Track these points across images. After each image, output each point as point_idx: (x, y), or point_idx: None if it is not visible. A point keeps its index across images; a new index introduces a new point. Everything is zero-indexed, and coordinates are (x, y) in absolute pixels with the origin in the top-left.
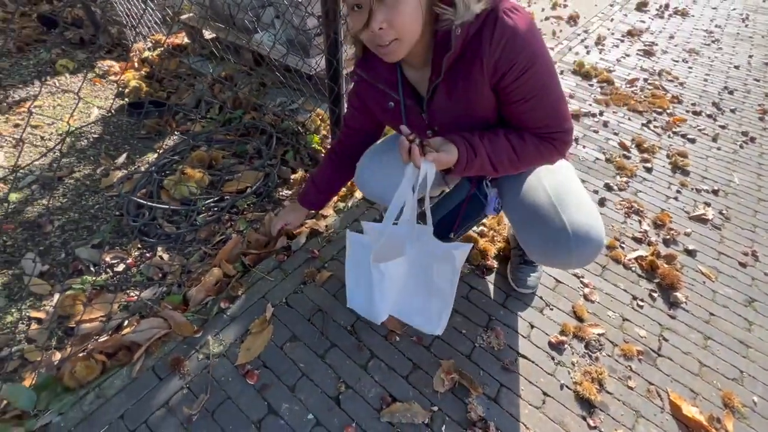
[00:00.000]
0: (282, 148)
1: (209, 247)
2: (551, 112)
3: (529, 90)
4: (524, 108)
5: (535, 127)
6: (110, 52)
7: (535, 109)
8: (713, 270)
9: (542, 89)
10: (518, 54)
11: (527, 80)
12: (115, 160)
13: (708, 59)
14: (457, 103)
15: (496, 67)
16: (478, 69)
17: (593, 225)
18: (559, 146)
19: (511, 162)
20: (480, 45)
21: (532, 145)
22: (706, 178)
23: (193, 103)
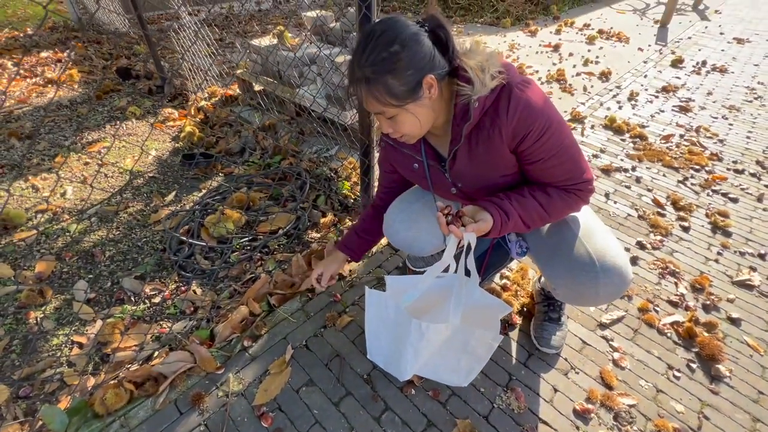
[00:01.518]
0: (314, 193)
1: (239, 284)
2: (571, 167)
3: (548, 150)
4: (545, 166)
5: (558, 181)
6: (172, 100)
7: (555, 166)
8: (761, 342)
9: (559, 148)
10: (534, 121)
11: (545, 142)
12: (165, 197)
13: (750, 116)
14: (478, 164)
15: (515, 133)
16: (497, 135)
17: (620, 257)
18: (583, 195)
19: (542, 218)
20: (497, 115)
21: (558, 199)
22: (751, 240)
23: (238, 148)
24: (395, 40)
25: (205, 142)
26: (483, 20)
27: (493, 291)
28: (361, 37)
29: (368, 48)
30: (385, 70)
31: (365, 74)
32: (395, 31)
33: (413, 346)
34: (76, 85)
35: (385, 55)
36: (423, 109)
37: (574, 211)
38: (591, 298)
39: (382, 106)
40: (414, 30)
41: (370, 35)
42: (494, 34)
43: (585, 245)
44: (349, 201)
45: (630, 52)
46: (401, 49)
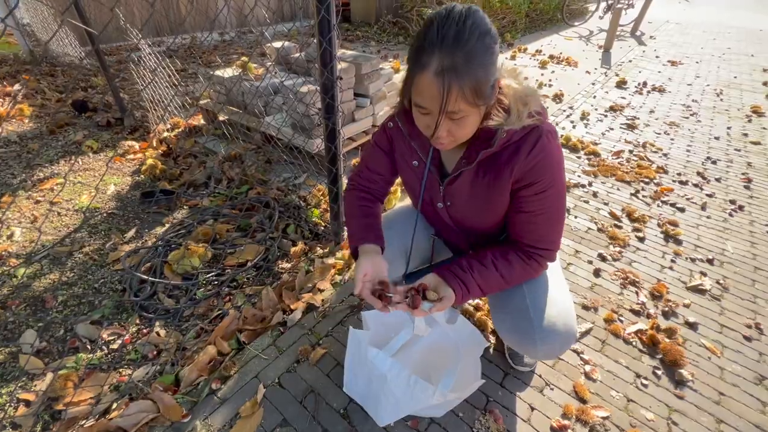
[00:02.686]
0: (284, 222)
1: (206, 322)
2: (549, 231)
3: (541, 206)
4: (530, 220)
5: (529, 239)
6: (132, 133)
7: (538, 224)
8: (717, 344)
9: (551, 210)
10: (545, 173)
11: (542, 198)
12: (125, 234)
13: (688, 131)
14: (477, 194)
15: (524, 176)
16: (507, 172)
17: (561, 318)
18: (543, 263)
19: (500, 286)
20: (517, 153)
21: (519, 268)
22: (700, 246)
23: (203, 179)
24: (489, 32)
25: (168, 175)
26: None
27: (466, 311)
28: (444, 19)
29: (462, 33)
30: (480, 62)
31: (456, 63)
32: (486, 23)
33: (395, 397)
34: (26, 120)
35: (481, 46)
36: (481, 113)
37: (531, 278)
38: (531, 355)
39: (466, 103)
40: (493, 28)
41: (461, 19)
42: None
43: (528, 302)
44: (319, 229)
45: (579, 75)
46: (494, 43)
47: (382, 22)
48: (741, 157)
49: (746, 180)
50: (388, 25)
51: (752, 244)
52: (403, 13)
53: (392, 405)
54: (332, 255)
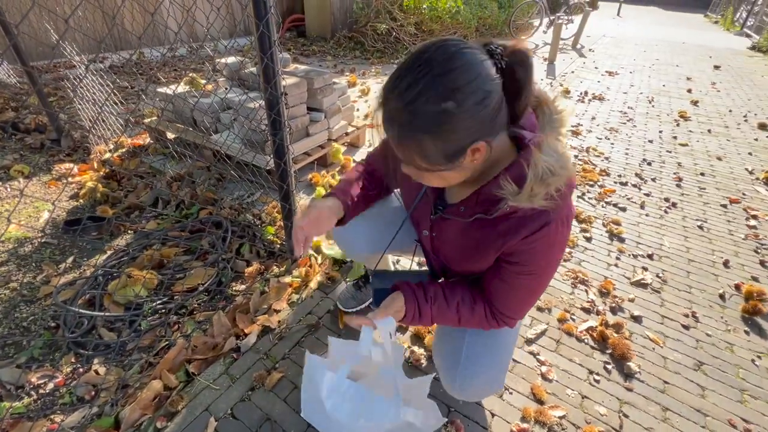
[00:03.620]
0: (237, 242)
1: (152, 355)
2: (523, 304)
3: (522, 283)
4: (508, 291)
5: (497, 303)
6: (70, 155)
7: (516, 296)
8: (660, 335)
9: (531, 287)
10: (539, 260)
11: (528, 278)
12: (59, 265)
13: (626, 136)
14: (463, 243)
15: (515, 253)
16: (500, 241)
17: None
18: (501, 325)
19: (455, 325)
20: (517, 232)
21: (478, 320)
22: (641, 243)
23: (150, 201)
24: (453, 93)
25: (110, 198)
26: (398, 61)
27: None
28: (410, 62)
29: (414, 86)
30: (424, 128)
31: (400, 118)
32: (458, 77)
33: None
34: None
35: (432, 111)
36: (457, 173)
37: (480, 325)
38: (450, 391)
39: (409, 162)
40: (483, 81)
41: (424, 68)
42: None
43: (464, 345)
44: (274, 247)
45: None
46: (455, 109)
47: (337, 37)
48: (672, 158)
49: (677, 179)
50: (343, 39)
51: (685, 239)
52: (357, 28)
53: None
54: (288, 273)
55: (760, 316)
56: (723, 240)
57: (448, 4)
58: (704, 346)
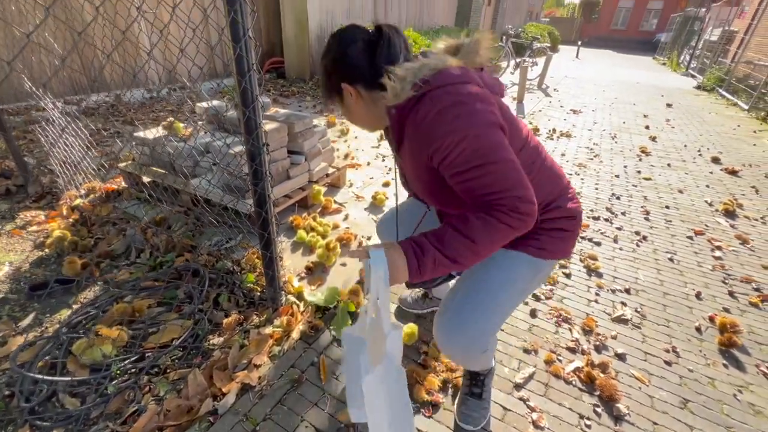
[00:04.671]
0: (215, 290)
1: (119, 423)
2: (492, 180)
3: (463, 163)
4: (463, 179)
5: (480, 197)
6: (38, 201)
7: (475, 179)
8: (644, 373)
9: (478, 160)
10: (442, 134)
11: (457, 156)
12: (19, 323)
13: (594, 171)
14: (411, 165)
15: (427, 146)
16: (414, 144)
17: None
18: (508, 214)
19: (468, 247)
20: (415, 125)
21: (479, 222)
22: (617, 277)
23: (122, 249)
24: (330, 52)
25: (79, 246)
26: None
27: (412, 372)
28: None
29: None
30: (322, 72)
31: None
32: (335, 44)
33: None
34: None
35: (324, 63)
36: (354, 109)
37: (503, 238)
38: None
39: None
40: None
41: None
42: None
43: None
44: (254, 295)
45: None
46: (329, 61)
47: (316, 78)
48: (638, 192)
49: (645, 212)
50: None
51: (658, 271)
52: None
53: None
54: (269, 323)
55: (735, 348)
56: (693, 272)
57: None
58: (688, 382)
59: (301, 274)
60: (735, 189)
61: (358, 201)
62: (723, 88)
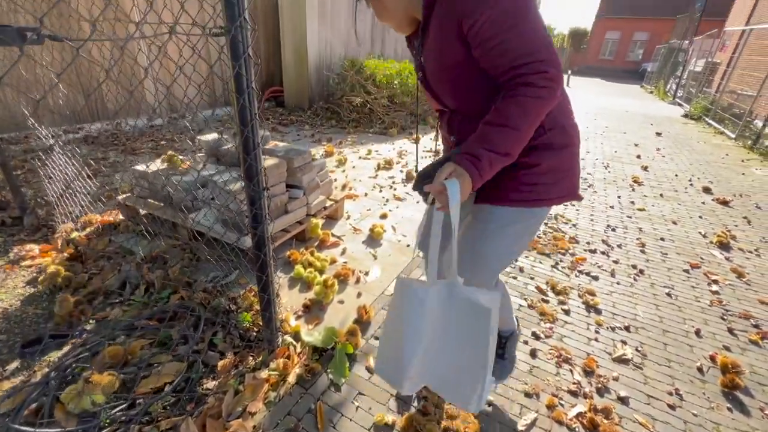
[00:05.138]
0: (211, 330)
1: None
2: (519, 43)
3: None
4: (492, 44)
5: (508, 65)
6: (33, 234)
7: (504, 42)
8: (648, 418)
9: (509, 20)
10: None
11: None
12: (6, 366)
13: (589, 202)
14: (435, 46)
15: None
16: (446, 19)
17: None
18: (534, 84)
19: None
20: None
21: (512, 108)
22: (616, 314)
23: (117, 285)
24: None
25: (72, 283)
26: (373, 130)
27: (411, 420)
28: None
29: None
30: None
31: None
32: None
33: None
34: None
35: None
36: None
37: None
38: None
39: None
40: None
41: None
42: (384, 142)
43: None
44: (251, 335)
45: None
46: None
47: (315, 108)
48: (633, 223)
49: (641, 244)
50: (320, 110)
51: (657, 307)
52: (334, 100)
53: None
54: (265, 366)
55: (738, 390)
56: (691, 307)
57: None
58: (692, 428)
59: (299, 312)
60: (727, 220)
61: (355, 234)
62: (710, 117)
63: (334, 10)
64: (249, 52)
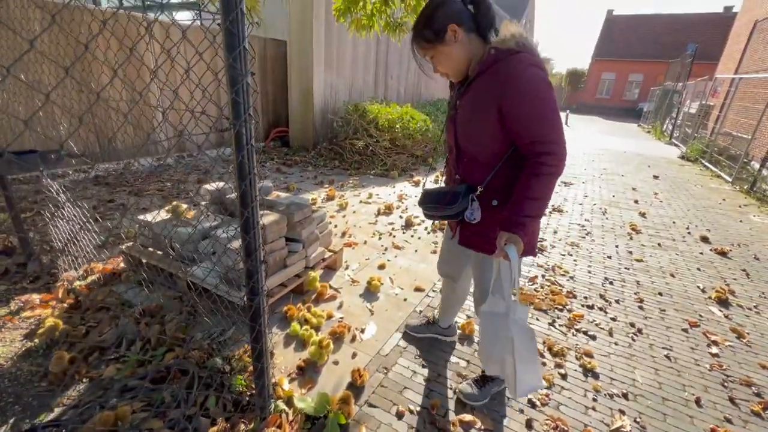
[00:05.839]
0: (203, 393)
1: None
2: (540, 128)
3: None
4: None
5: (529, 141)
6: (35, 281)
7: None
8: None
9: (541, 110)
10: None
11: (527, 103)
12: None
13: (587, 251)
14: (471, 106)
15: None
16: (489, 90)
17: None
18: (551, 162)
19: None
20: (496, 67)
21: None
22: (614, 379)
23: (112, 340)
24: (432, 3)
25: (70, 336)
26: (374, 172)
27: None
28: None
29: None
30: (424, 23)
31: (415, 29)
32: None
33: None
34: None
35: (425, 12)
36: (452, 51)
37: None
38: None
39: (420, 48)
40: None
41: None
42: (385, 185)
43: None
44: (244, 399)
45: None
46: (434, 8)
47: (318, 148)
48: (630, 276)
49: (639, 300)
50: (324, 150)
51: (656, 371)
52: (337, 141)
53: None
54: None
55: None
56: (691, 371)
57: (418, 124)
58: None
59: (292, 374)
60: (726, 272)
61: (353, 286)
62: (706, 159)
63: (340, 59)
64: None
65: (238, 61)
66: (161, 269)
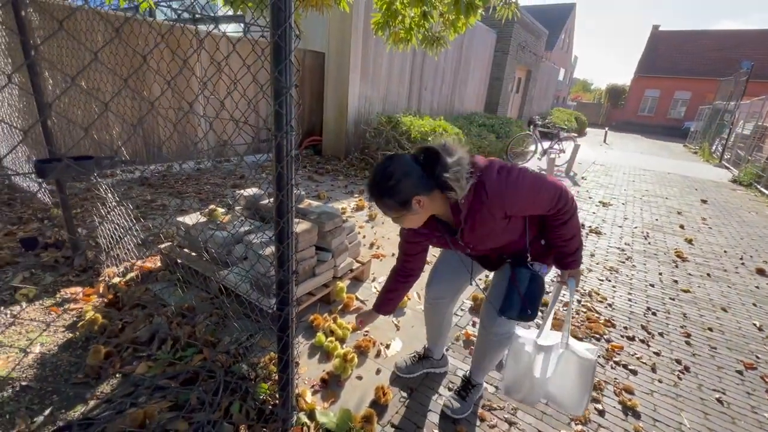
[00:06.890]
0: (228, 398)
1: None
2: (548, 199)
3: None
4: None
5: (548, 208)
6: (80, 274)
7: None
8: None
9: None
10: (511, 196)
11: (523, 203)
12: (35, 419)
13: (627, 277)
14: (480, 233)
15: (501, 206)
16: (487, 213)
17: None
18: (569, 210)
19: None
20: (482, 202)
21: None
22: (658, 420)
23: (146, 337)
24: (392, 176)
25: (107, 331)
26: None
27: None
28: (375, 168)
29: (377, 179)
30: (385, 194)
31: (374, 195)
32: (394, 168)
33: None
34: None
35: (385, 185)
36: (418, 215)
37: (578, 222)
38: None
39: (387, 214)
40: (406, 166)
41: (379, 170)
42: None
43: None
44: (267, 407)
45: None
46: (395, 182)
47: (350, 158)
48: (676, 307)
49: (686, 334)
50: (356, 160)
51: (705, 415)
52: (369, 152)
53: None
54: None
55: None
56: (746, 420)
57: (451, 136)
58: None
59: (316, 387)
60: None
61: None
62: (761, 185)
63: (375, 71)
64: (292, 154)
65: (284, 73)
66: (195, 271)
